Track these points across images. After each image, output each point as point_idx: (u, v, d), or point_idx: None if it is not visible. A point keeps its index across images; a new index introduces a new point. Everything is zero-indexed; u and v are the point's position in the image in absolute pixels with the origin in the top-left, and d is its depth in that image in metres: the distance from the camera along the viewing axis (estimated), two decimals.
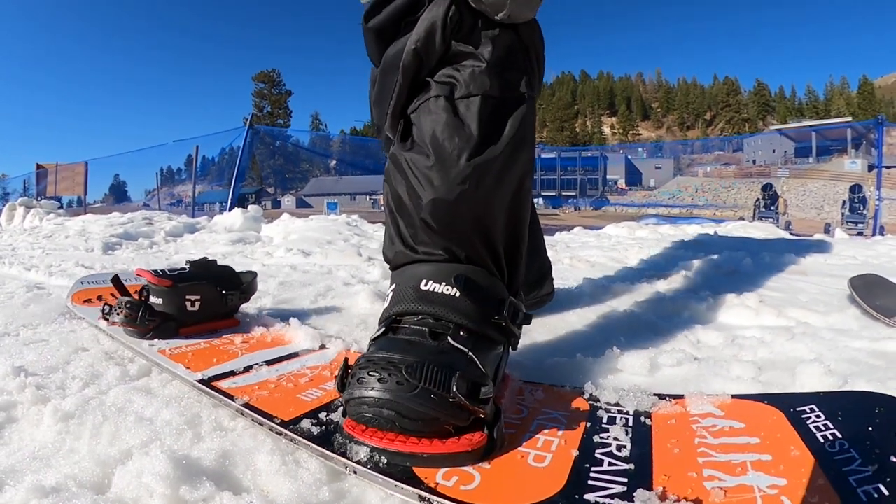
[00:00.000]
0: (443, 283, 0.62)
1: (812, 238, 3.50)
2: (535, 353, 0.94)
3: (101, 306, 1.02)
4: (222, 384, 0.71)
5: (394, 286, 0.67)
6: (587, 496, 0.46)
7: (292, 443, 0.57)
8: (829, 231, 7.95)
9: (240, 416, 0.65)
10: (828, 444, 0.50)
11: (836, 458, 0.47)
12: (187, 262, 1.03)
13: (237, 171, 8.63)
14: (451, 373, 0.52)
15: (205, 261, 1.05)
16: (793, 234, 5.44)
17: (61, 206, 8.08)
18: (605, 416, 0.61)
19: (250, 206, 4.49)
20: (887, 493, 0.41)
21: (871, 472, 0.44)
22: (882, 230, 7.64)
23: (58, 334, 1.03)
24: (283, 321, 1.00)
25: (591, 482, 0.48)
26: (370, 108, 0.87)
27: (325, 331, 1.02)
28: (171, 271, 0.98)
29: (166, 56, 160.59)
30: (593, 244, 3.09)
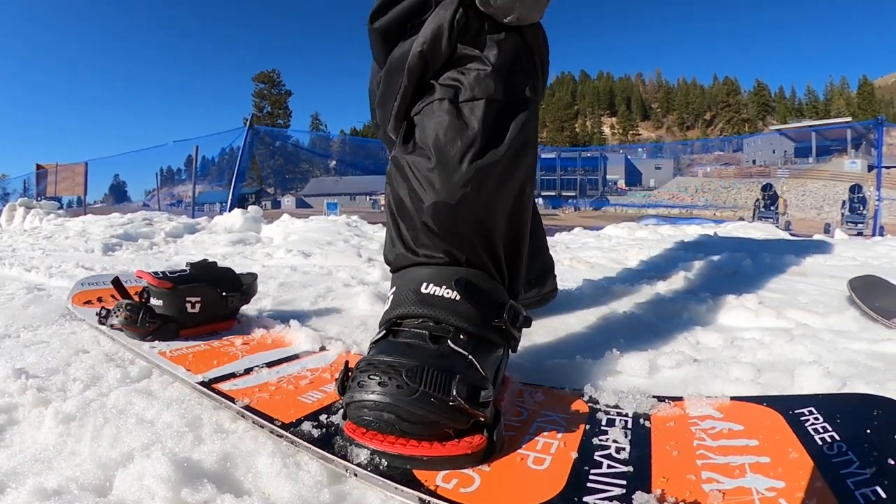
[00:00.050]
0: (443, 287, 0.62)
1: (812, 239, 3.51)
2: (534, 354, 0.94)
3: (98, 309, 1.02)
4: (223, 386, 0.71)
5: (394, 289, 0.67)
6: (586, 498, 0.46)
7: (293, 445, 0.57)
8: (828, 231, 7.95)
9: (241, 418, 0.65)
10: (826, 447, 0.50)
11: (834, 460, 0.47)
12: (188, 263, 1.03)
13: (237, 171, 8.64)
14: (451, 377, 0.52)
15: (205, 262, 1.05)
16: (792, 234, 5.44)
17: (61, 207, 8.09)
18: (604, 419, 0.61)
19: (250, 207, 4.50)
20: (885, 495, 0.41)
21: (868, 475, 0.44)
22: (882, 230, 7.63)
23: (58, 336, 1.03)
24: (284, 323, 1.00)
25: (590, 484, 0.48)
26: (371, 108, 0.87)
27: (325, 332, 1.02)
28: (171, 273, 0.98)
29: (166, 56, 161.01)
30: (593, 245, 3.09)
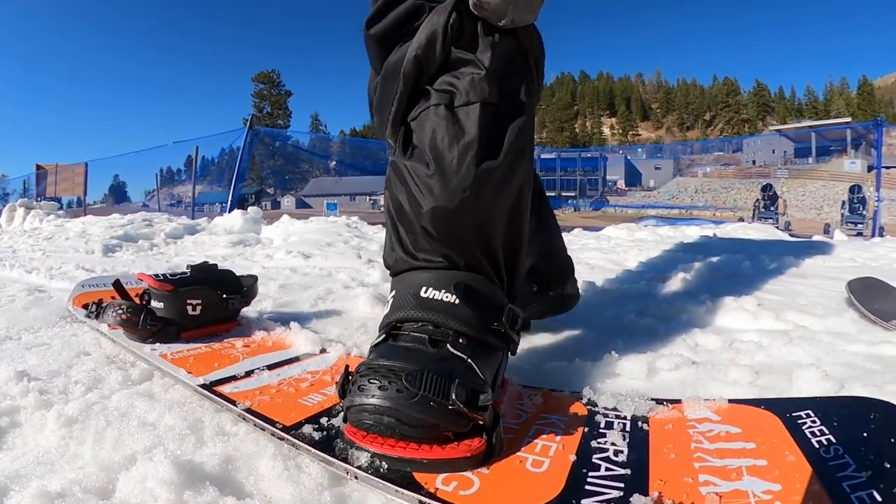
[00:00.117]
0: (442, 291, 0.62)
1: (811, 240, 3.51)
2: (534, 357, 0.94)
3: (89, 303, 1.02)
4: (224, 389, 0.72)
5: (394, 292, 0.67)
6: (584, 501, 0.46)
7: (294, 448, 0.58)
8: (828, 232, 7.96)
9: (242, 420, 0.65)
10: (823, 450, 0.50)
11: (830, 463, 0.48)
12: (188, 265, 1.04)
13: (237, 171, 8.66)
14: (451, 380, 0.52)
15: (206, 265, 1.06)
16: (792, 234, 5.45)
17: (61, 207, 8.10)
18: (602, 421, 0.62)
19: (250, 207, 4.50)
20: (880, 499, 0.42)
21: (864, 478, 0.44)
22: (881, 231, 7.64)
23: (59, 338, 1.03)
24: (284, 325, 1.01)
25: (588, 487, 0.48)
26: (370, 110, 0.88)
27: (325, 334, 1.03)
28: (172, 276, 0.99)
29: (166, 56, 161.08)
30: (593, 246, 3.09)
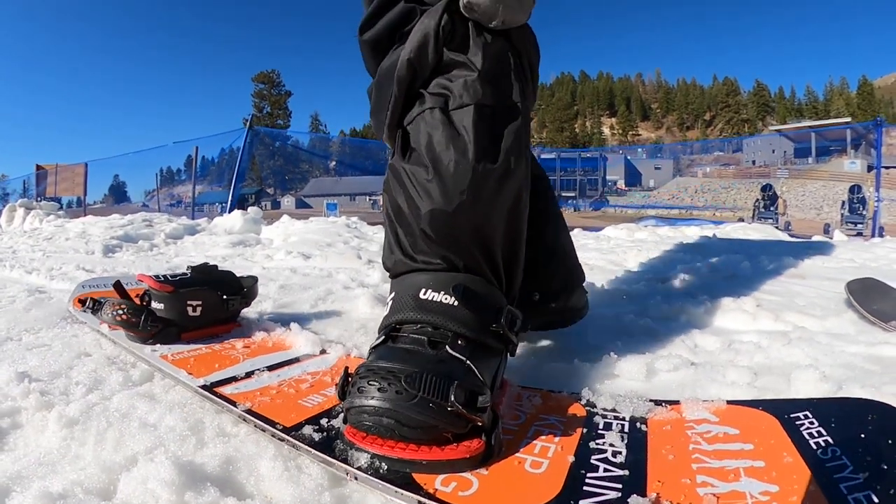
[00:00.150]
0: (441, 293, 0.63)
1: (811, 240, 3.51)
2: (532, 358, 0.94)
3: (87, 300, 1.02)
4: (224, 390, 0.72)
5: (393, 294, 0.67)
6: (582, 502, 0.47)
7: (294, 449, 0.58)
8: (828, 232, 7.95)
9: (242, 421, 0.66)
10: (820, 451, 0.50)
11: (828, 464, 0.48)
12: (189, 267, 1.04)
13: (237, 171, 8.66)
14: (450, 382, 0.53)
15: (206, 266, 1.06)
16: (792, 234, 5.45)
17: (61, 207, 8.10)
18: (601, 422, 0.62)
19: (250, 208, 4.50)
20: (877, 500, 0.42)
21: (862, 480, 0.45)
22: (881, 231, 7.64)
23: (60, 339, 1.03)
24: (284, 326, 1.01)
25: (586, 488, 0.49)
26: (371, 117, 0.88)
27: (325, 335, 1.03)
28: (172, 277, 0.99)
29: (166, 56, 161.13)
30: (592, 246, 3.10)
